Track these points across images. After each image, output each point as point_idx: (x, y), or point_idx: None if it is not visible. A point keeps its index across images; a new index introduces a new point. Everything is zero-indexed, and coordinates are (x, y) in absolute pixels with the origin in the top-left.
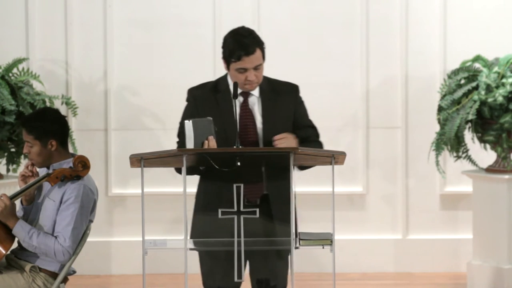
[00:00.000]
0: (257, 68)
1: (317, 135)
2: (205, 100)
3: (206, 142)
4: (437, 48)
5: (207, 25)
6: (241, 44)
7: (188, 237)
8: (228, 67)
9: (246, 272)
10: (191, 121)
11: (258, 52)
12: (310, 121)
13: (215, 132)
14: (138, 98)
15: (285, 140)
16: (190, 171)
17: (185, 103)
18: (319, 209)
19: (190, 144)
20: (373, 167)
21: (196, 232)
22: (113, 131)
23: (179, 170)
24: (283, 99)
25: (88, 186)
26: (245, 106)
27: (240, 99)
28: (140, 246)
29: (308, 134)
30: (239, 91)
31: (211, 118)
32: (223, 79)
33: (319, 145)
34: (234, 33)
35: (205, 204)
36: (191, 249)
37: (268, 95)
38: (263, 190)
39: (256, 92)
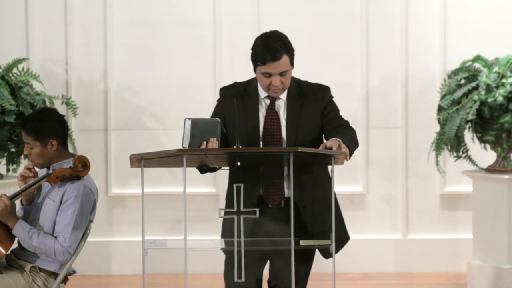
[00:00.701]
0: (283, 74)
1: (347, 121)
2: (233, 100)
3: (204, 143)
4: (437, 48)
5: (207, 25)
6: (269, 48)
7: (220, 237)
8: (255, 70)
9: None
10: (190, 120)
11: (285, 58)
12: (338, 113)
13: (222, 133)
14: (138, 98)
15: (340, 151)
16: (205, 170)
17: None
18: None
19: (185, 143)
20: (373, 167)
21: (226, 232)
22: (113, 131)
23: (200, 169)
24: (309, 100)
25: (88, 186)
26: (271, 109)
27: (267, 102)
28: (140, 246)
29: (338, 124)
30: (266, 94)
31: (219, 120)
32: (252, 80)
33: (354, 132)
34: (264, 37)
35: (231, 203)
36: (222, 249)
37: (294, 99)
38: (284, 191)
39: (283, 95)
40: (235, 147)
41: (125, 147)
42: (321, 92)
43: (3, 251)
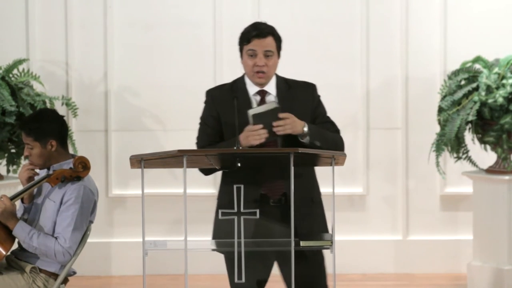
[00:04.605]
0: (268, 55)
1: (336, 130)
2: (223, 101)
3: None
4: (437, 49)
5: (207, 26)
6: (255, 27)
7: (211, 238)
8: (241, 55)
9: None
10: (252, 115)
11: (270, 39)
12: (328, 117)
13: (220, 133)
14: (138, 99)
15: (289, 122)
16: (209, 171)
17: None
18: None
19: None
20: (374, 168)
21: (219, 233)
22: (113, 132)
23: (203, 171)
24: (300, 97)
25: (88, 187)
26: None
27: (257, 98)
28: (140, 247)
29: (325, 128)
30: (257, 89)
31: (277, 104)
32: (240, 79)
33: (337, 137)
34: (253, 22)
35: (226, 204)
36: (213, 249)
37: (285, 94)
38: (283, 189)
39: (273, 91)
40: (235, 148)
41: (125, 148)
42: (309, 90)
43: (4, 252)
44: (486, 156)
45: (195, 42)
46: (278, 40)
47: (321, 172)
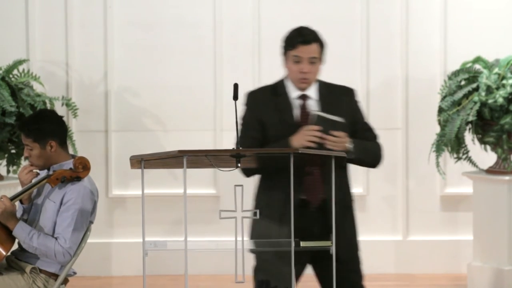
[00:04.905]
0: (312, 62)
1: (374, 136)
2: (265, 103)
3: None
4: (437, 49)
5: (207, 26)
6: (300, 33)
7: (249, 238)
8: (285, 60)
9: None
10: (317, 115)
11: (315, 45)
12: (367, 124)
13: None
14: (138, 100)
15: (341, 141)
16: (249, 172)
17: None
18: None
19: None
20: (374, 169)
21: (256, 233)
22: (114, 132)
23: (246, 171)
24: (341, 102)
25: (88, 188)
26: (304, 109)
27: (299, 102)
28: (140, 248)
29: (365, 136)
30: (299, 93)
31: (343, 121)
32: (281, 82)
33: (376, 147)
34: (297, 27)
35: (264, 205)
36: (251, 250)
37: (326, 99)
38: (323, 194)
39: (314, 95)
40: (234, 148)
41: (126, 149)
42: (349, 94)
43: (4, 252)
44: (486, 157)
45: (195, 42)
46: (322, 46)
47: None
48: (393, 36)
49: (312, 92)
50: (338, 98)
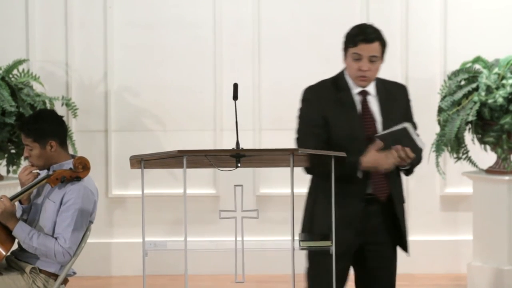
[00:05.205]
0: (373, 60)
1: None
2: (328, 99)
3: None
4: (437, 49)
5: (207, 26)
6: (362, 30)
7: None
8: (345, 56)
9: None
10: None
11: (377, 44)
12: (415, 124)
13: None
14: (138, 100)
15: (410, 158)
16: (312, 170)
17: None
18: None
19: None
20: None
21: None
22: (113, 132)
23: (309, 170)
24: (398, 99)
25: (88, 188)
26: (365, 105)
27: (359, 97)
28: (140, 248)
29: None
30: (359, 89)
31: (405, 125)
32: (341, 77)
33: (419, 149)
34: (360, 24)
35: (322, 199)
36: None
37: (384, 95)
38: (389, 189)
39: (373, 91)
40: (234, 148)
41: (125, 149)
42: (403, 91)
43: (3, 252)
44: (486, 157)
45: (195, 42)
46: (383, 45)
47: None
48: (393, 36)
49: (371, 88)
50: (395, 95)
